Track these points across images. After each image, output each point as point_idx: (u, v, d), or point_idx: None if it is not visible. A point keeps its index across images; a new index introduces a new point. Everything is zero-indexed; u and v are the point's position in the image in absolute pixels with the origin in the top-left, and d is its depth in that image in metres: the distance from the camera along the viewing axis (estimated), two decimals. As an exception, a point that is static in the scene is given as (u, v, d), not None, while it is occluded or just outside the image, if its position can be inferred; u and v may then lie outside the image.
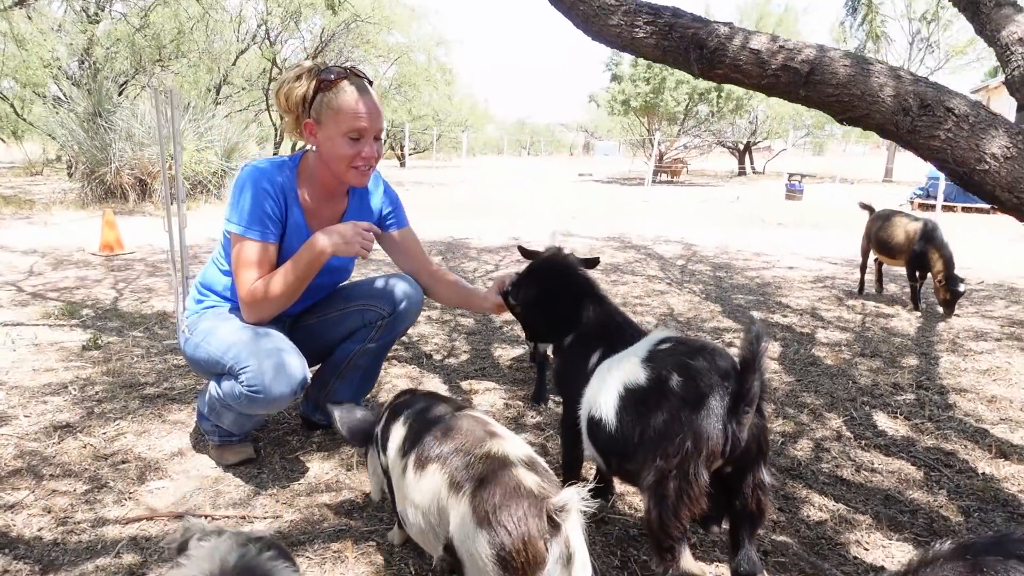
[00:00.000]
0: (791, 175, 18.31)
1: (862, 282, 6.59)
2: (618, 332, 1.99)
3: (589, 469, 2.61)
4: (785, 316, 5.51)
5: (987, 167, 1.96)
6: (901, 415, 3.36)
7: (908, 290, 5.99)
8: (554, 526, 1.42)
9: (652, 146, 23.46)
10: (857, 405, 3.49)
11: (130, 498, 2.40)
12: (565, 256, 2.36)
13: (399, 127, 25.10)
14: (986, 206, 15.06)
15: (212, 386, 2.51)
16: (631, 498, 2.45)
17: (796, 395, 3.65)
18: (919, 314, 5.64)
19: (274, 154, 19.86)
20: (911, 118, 2.09)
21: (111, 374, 3.62)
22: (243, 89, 21.67)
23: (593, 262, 3.00)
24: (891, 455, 2.92)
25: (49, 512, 2.28)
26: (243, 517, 2.28)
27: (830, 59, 2.31)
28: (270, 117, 21.06)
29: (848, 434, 3.13)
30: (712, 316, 5.44)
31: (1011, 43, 2.49)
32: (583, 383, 1.95)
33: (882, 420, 3.30)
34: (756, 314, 3.15)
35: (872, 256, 6.37)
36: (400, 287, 2.79)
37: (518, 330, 4.72)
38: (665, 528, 1.58)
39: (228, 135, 12.70)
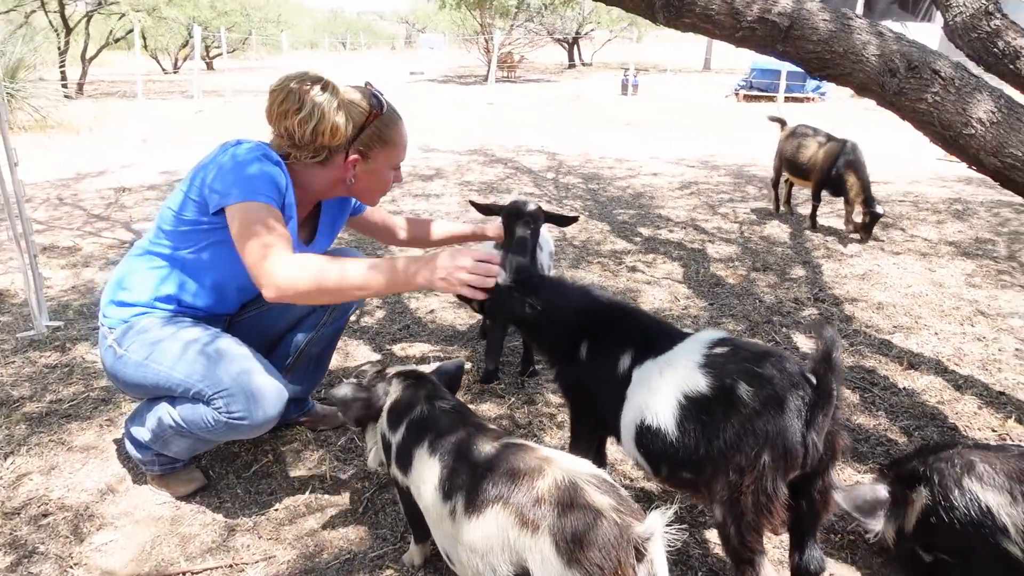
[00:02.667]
0: (626, 70, 18.67)
1: (777, 201, 6.20)
2: (647, 332, 1.89)
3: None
4: (672, 232, 5.70)
5: (973, 131, 2.02)
6: (814, 333, 3.62)
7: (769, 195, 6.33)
8: (640, 553, 1.38)
9: (488, 42, 22.80)
10: (775, 327, 3.71)
11: (75, 564, 2.02)
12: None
13: (204, 25, 22.31)
14: (805, 95, 16.33)
15: (163, 413, 2.13)
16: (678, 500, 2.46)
17: (718, 321, 3.81)
18: (784, 223, 6.05)
19: (61, 60, 17.04)
20: (898, 80, 2.09)
21: (-31, 390, 3.00)
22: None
23: (571, 220, 2.84)
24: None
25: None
26: (231, 566, 2.01)
27: (809, 13, 2.23)
28: (46, 15, 17.87)
29: (780, 361, 3.33)
30: (604, 238, 5.50)
31: (949, -13, 2.53)
32: (611, 389, 1.85)
33: (802, 341, 3.54)
34: (828, 328, 3.17)
35: (783, 176, 6.00)
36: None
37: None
38: (745, 543, 1.57)
39: (5, 47, 10.58)
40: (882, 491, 1.84)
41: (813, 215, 5.69)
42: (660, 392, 1.70)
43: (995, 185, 7.92)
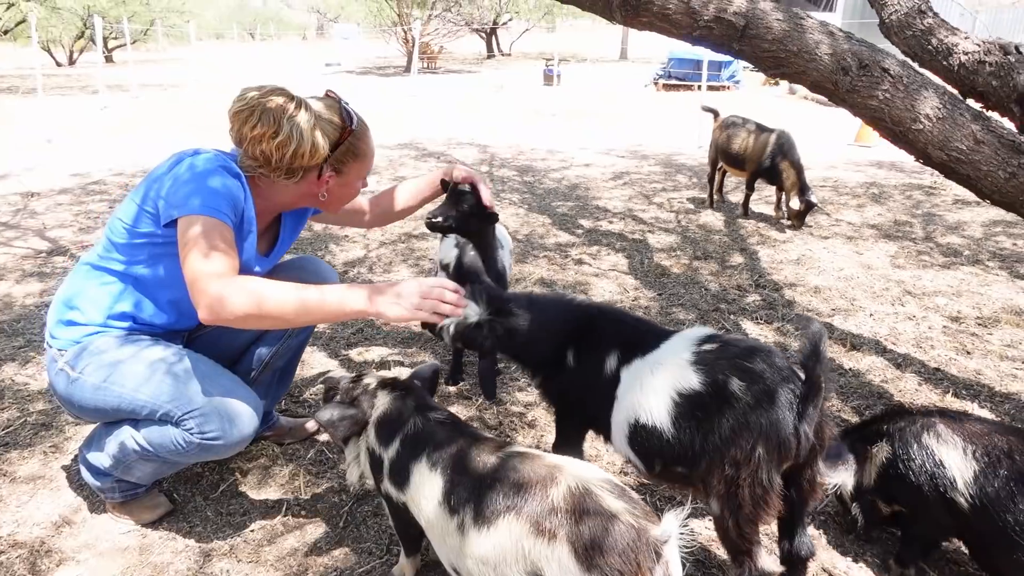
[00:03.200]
0: (548, 60, 18.80)
1: (711, 195, 6.25)
2: (631, 332, 1.91)
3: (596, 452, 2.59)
4: (612, 223, 5.79)
5: (921, 127, 2.14)
6: (762, 320, 3.77)
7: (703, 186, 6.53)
8: (657, 555, 1.41)
9: (407, 32, 22.46)
10: (724, 315, 3.83)
11: (39, 606, 1.90)
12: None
13: (101, 15, 20.97)
14: (722, 83, 16.84)
15: (126, 436, 2.01)
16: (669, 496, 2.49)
17: (668, 311, 3.91)
18: (718, 211, 6.25)
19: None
20: (850, 78, 2.18)
21: None
22: None
23: (494, 218, 2.78)
24: (776, 364, 3.28)
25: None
26: (212, 596, 1.92)
27: (763, 12, 2.30)
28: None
29: (732, 347, 3.44)
30: (547, 231, 5.54)
31: (884, -14, 2.66)
32: (600, 390, 1.87)
33: (751, 328, 3.67)
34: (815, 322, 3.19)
35: (719, 165, 6.06)
36: (316, 268, 2.48)
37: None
38: (743, 534, 1.62)
39: None
40: (843, 448, 2.07)
41: (746, 203, 5.89)
42: (653, 391, 1.72)
43: (904, 168, 8.38)
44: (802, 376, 1.60)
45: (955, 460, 1.86)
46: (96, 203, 6.31)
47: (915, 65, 2.57)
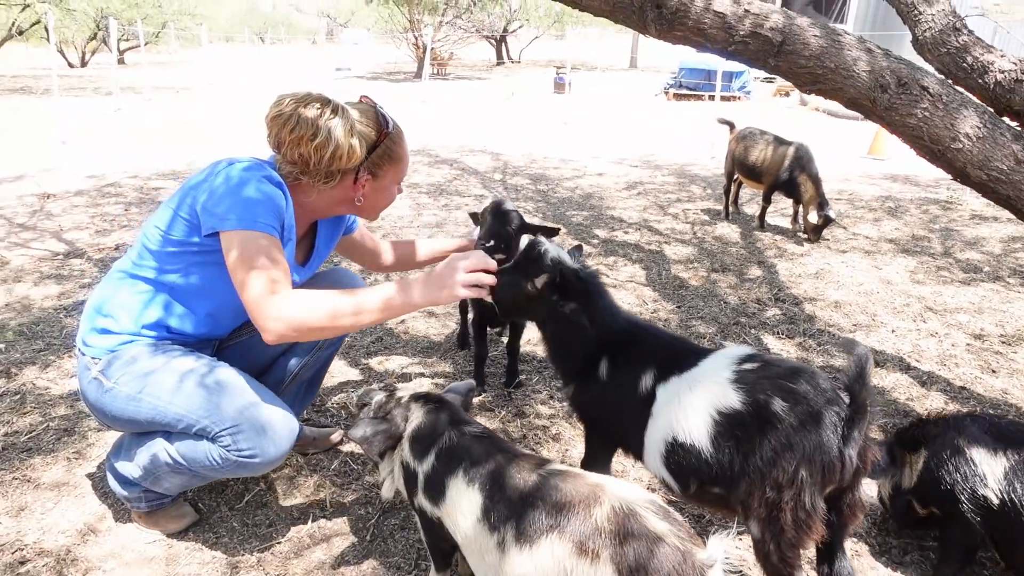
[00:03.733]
0: (558, 68, 18.83)
1: (727, 206, 6.22)
2: (666, 350, 1.89)
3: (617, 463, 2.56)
4: (627, 233, 5.78)
5: (961, 145, 2.12)
6: (783, 334, 3.74)
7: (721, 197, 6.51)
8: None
9: (418, 38, 22.53)
10: (744, 329, 3.81)
11: (67, 616, 1.88)
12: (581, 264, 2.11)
13: (115, 16, 21.05)
14: (732, 94, 16.82)
15: (158, 449, 2.00)
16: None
17: (687, 324, 3.88)
18: (734, 223, 6.23)
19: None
20: (889, 95, 2.17)
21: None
22: None
23: (554, 231, 2.81)
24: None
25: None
26: (241, 608, 1.91)
27: (800, 28, 2.29)
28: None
29: (754, 362, 3.41)
30: (562, 240, 5.52)
31: (917, 3, 2.64)
32: (633, 407, 1.85)
33: (772, 343, 3.65)
34: (861, 345, 3.21)
35: (735, 176, 6.04)
36: (348, 280, 2.50)
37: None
38: (784, 558, 1.60)
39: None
40: (882, 452, 2.06)
41: (762, 215, 5.86)
42: (692, 409, 1.70)
43: (920, 182, 8.34)
44: (846, 398, 1.58)
45: (984, 457, 1.91)
46: (112, 205, 6.32)
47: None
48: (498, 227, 2.72)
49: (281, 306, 1.76)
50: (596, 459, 2.06)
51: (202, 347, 2.17)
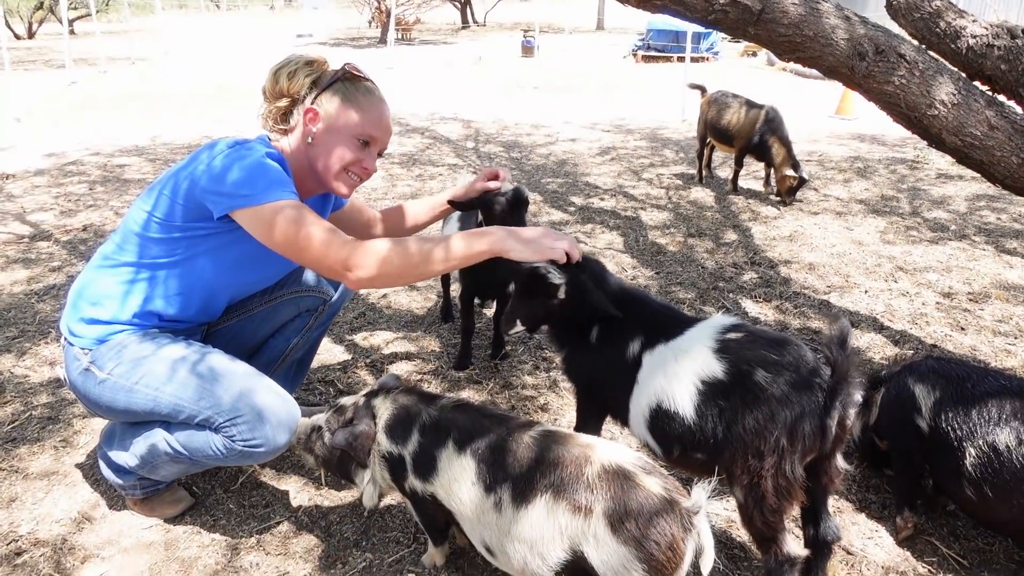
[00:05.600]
0: (525, 31, 18.57)
1: (700, 170, 6.27)
2: (654, 318, 1.93)
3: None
4: (603, 200, 5.79)
5: (936, 112, 2.16)
6: (760, 298, 3.82)
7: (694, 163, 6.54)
8: (689, 525, 1.50)
9: (381, 2, 21.95)
10: (723, 293, 3.88)
11: (69, 605, 1.89)
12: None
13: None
14: (701, 55, 16.77)
15: (158, 439, 1.99)
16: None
17: (667, 290, 3.94)
18: (707, 187, 6.28)
19: None
20: (867, 63, 2.19)
21: None
22: None
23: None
24: (778, 342, 3.32)
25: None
26: (245, 590, 1.93)
27: (778, -4, 2.29)
28: None
29: (733, 327, 3.48)
30: (538, 208, 5.52)
31: (892, -32, 2.65)
32: (621, 373, 1.89)
33: (751, 307, 3.72)
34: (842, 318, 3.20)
35: (707, 140, 6.04)
36: None
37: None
38: (768, 523, 1.66)
39: None
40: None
41: (735, 179, 5.91)
42: (676, 377, 1.75)
43: (887, 142, 8.44)
44: (828, 369, 1.63)
45: (923, 392, 2.09)
46: (75, 185, 6.15)
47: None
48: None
49: (350, 257, 1.79)
50: (586, 426, 2.11)
51: (192, 332, 2.15)
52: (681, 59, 16.32)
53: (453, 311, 3.63)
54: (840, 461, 1.72)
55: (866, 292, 3.89)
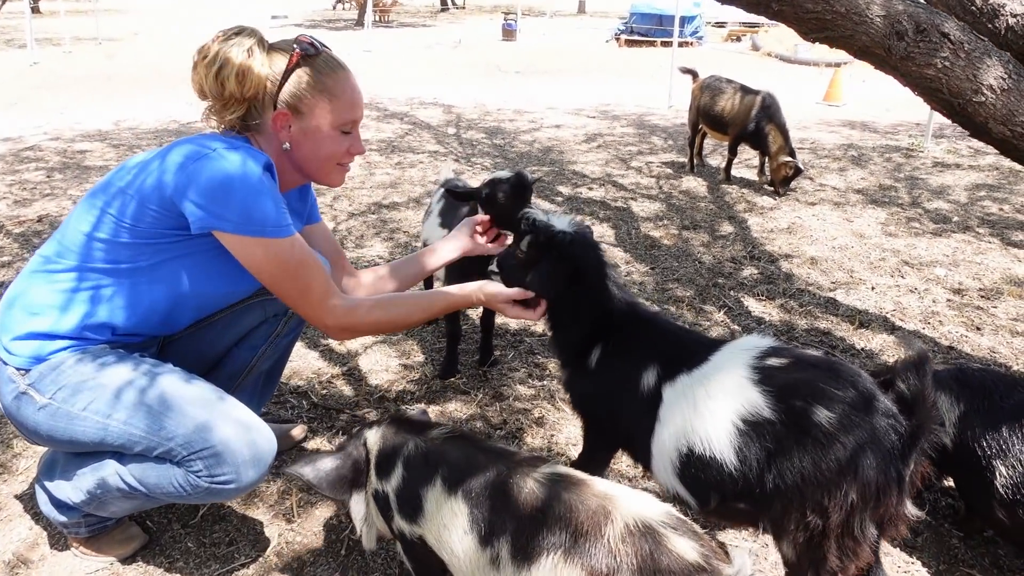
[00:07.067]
0: (506, 14, 18.19)
1: (691, 159, 6.04)
2: (668, 342, 1.68)
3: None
4: (591, 189, 5.55)
5: (983, 99, 1.93)
6: (763, 295, 3.60)
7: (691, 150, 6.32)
8: None
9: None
10: (723, 291, 3.65)
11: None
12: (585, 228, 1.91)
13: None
14: (685, 39, 16.52)
15: (108, 473, 1.71)
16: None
17: (664, 287, 3.71)
18: (699, 176, 6.05)
19: None
20: (906, 43, 1.96)
21: None
22: None
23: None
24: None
25: None
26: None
27: (807, -33, 2.04)
28: None
29: (737, 327, 3.27)
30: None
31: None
32: (632, 411, 1.66)
33: (753, 305, 3.50)
34: (917, 343, 3.04)
35: (699, 127, 5.82)
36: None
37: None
38: (824, 587, 1.43)
39: None
40: None
41: (728, 168, 5.69)
42: (710, 415, 1.50)
43: (878, 129, 8.28)
44: (889, 402, 1.40)
45: (944, 404, 1.93)
46: (32, 172, 5.77)
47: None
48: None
49: (341, 314, 1.81)
50: (593, 457, 1.87)
51: (147, 346, 1.87)
52: (665, 43, 16.12)
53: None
54: (911, 507, 1.44)
55: (873, 289, 3.69)
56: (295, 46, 1.76)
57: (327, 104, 1.77)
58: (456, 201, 2.60)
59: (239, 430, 1.68)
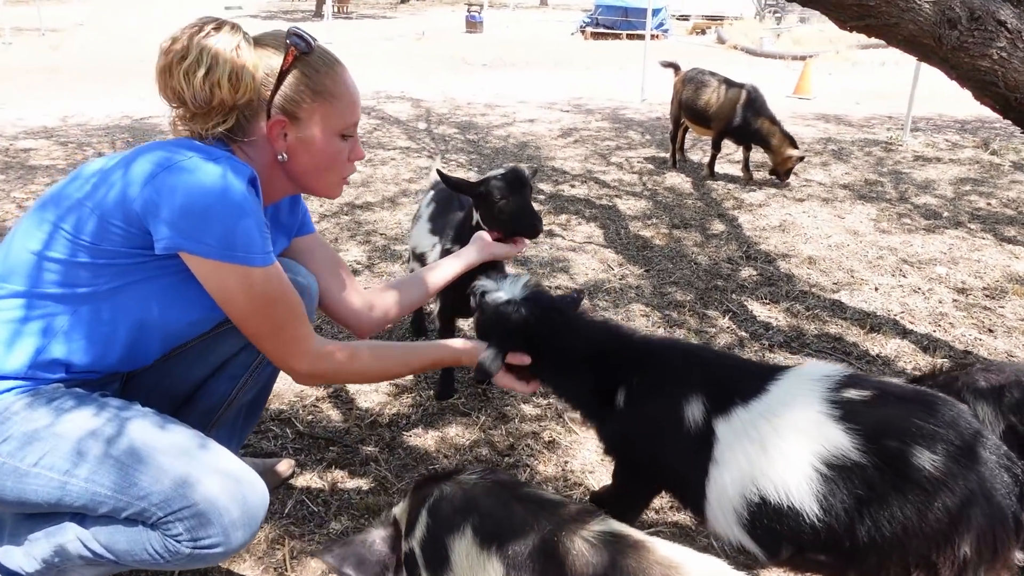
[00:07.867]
0: (470, 6, 17.90)
1: (674, 154, 5.86)
2: (711, 370, 1.49)
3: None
4: (573, 186, 5.35)
5: (1043, 93, 1.77)
6: (767, 299, 3.44)
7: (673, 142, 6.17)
8: None
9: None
10: (725, 294, 3.49)
11: None
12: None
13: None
14: (653, 32, 16.44)
15: (67, 539, 1.43)
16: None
17: (661, 291, 3.53)
18: (682, 172, 5.91)
19: None
20: (959, 32, 1.79)
21: None
22: None
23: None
24: (798, 352, 2.96)
25: None
26: None
27: (848, -51, 1.86)
28: None
29: (744, 334, 3.10)
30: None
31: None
32: (678, 445, 1.46)
33: (758, 310, 3.34)
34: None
35: (682, 121, 5.65)
36: (296, 269, 1.91)
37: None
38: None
39: None
40: None
41: (712, 164, 5.55)
42: (783, 458, 1.31)
43: (852, 123, 8.24)
44: (996, 437, 1.22)
45: (988, 413, 1.67)
46: (-30, 173, 5.34)
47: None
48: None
49: (312, 360, 1.61)
50: (628, 506, 1.67)
51: (107, 383, 1.61)
52: (631, 36, 16.03)
53: (426, 322, 3.14)
54: (1018, 555, 1.29)
55: (876, 289, 3.57)
56: (288, 42, 1.51)
57: (327, 108, 1.55)
58: (449, 189, 2.37)
59: (226, 484, 1.43)
